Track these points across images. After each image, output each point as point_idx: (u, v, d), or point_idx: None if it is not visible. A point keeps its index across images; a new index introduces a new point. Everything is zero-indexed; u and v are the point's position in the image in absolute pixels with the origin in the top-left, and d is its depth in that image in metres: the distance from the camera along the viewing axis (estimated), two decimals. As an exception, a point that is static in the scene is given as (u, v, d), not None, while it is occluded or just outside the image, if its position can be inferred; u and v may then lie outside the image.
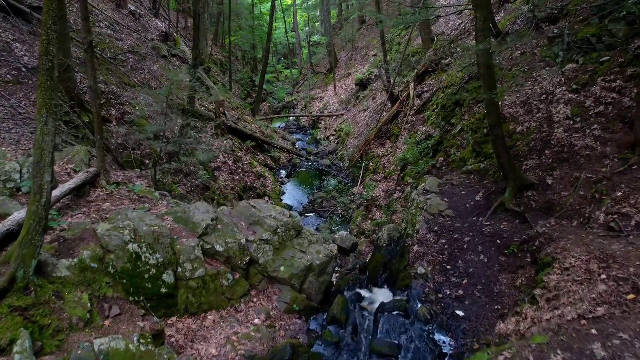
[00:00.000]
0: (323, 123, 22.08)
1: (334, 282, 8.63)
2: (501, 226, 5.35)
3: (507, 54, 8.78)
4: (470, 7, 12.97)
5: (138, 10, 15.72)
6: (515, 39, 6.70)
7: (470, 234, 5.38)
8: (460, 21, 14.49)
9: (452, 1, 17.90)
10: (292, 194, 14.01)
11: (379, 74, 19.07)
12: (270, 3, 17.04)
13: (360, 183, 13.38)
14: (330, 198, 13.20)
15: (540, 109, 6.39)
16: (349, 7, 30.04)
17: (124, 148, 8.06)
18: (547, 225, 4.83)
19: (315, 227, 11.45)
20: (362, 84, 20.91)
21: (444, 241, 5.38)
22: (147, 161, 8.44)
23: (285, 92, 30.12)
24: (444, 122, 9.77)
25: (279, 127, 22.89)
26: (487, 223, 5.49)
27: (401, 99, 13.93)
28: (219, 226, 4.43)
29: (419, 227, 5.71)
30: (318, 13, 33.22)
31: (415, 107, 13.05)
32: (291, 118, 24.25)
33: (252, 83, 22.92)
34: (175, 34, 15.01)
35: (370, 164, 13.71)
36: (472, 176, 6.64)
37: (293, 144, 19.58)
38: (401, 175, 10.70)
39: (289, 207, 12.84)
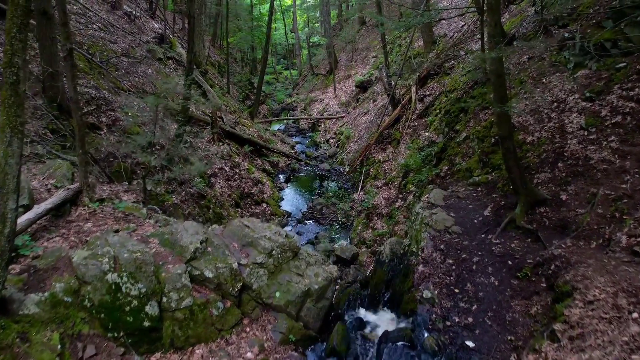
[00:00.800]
0: (323, 126, 21.76)
1: (334, 296, 8.29)
2: (512, 245, 5.00)
3: (514, 59, 8.43)
4: (473, 9, 12.66)
5: (134, 12, 15.38)
6: (523, 43, 6.35)
7: (479, 253, 5.04)
8: (463, 23, 14.17)
9: (455, 2, 17.56)
10: (291, 200, 13.68)
11: (379, 76, 18.75)
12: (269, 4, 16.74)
13: (361, 189, 13.05)
14: (330, 204, 12.87)
15: (552, 118, 6.04)
16: (349, 8, 29.71)
17: (114, 157, 7.72)
18: (563, 246, 4.48)
19: (314, 236, 11.12)
20: (363, 86, 20.58)
21: (451, 261, 5.03)
22: (139, 170, 8.10)
23: (285, 93, 29.79)
24: (447, 128, 9.43)
25: (278, 129, 22.55)
26: (497, 241, 5.14)
27: (403, 102, 13.60)
28: (209, 249, 4.09)
29: (424, 244, 5.36)
30: (318, 14, 32.90)
31: (417, 112, 12.71)
32: (291, 120, 23.90)
33: (251, 85, 22.58)
34: (171, 36, 14.67)
35: (371, 170, 13.37)
36: (479, 189, 6.29)
37: (292, 147, 19.24)
38: (403, 182, 10.36)
39: (288, 214, 12.52)
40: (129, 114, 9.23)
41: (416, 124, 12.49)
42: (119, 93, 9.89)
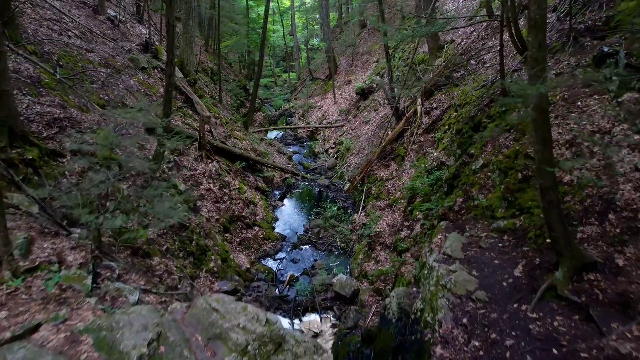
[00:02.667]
0: (322, 134, 20.75)
1: (331, 349, 7.23)
2: (555, 323, 3.95)
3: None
4: (482, 14, 11.61)
5: (119, 16, 14.34)
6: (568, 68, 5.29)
7: (513, 333, 3.98)
8: (472, 28, 13.10)
9: (461, 5, 16.48)
10: (287, 220, 12.66)
11: (381, 84, 17.69)
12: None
13: (362, 209, 12.02)
14: (328, 227, 11.84)
15: (595, 153, 4.98)
16: (350, 10, 28.69)
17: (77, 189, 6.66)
18: (628, 335, 3.43)
19: (311, 265, 10.12)
20: (363, 93, 19.57)
21: (477, 343, 3.98)
22: (107, 203, 7.04)
23: (283, 98, 28.75)
24: (459, 150, 8.37)
25: (275, 137, 21.56)
26: (535, 316, 4.09)
27: (407, 115, 12.56)
28: (162, 348, 3.06)
29: (441, 316, 4.31)
30: (317, 16, 31.85)
31: (423, 126, 11.67)
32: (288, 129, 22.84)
33: (246, 92, 21.54)
34: (157, 43, 13.62)
35: (373, 188, 12.33)
36: (505, 237, 5.23)
37: (289, 157, 18.23)
38: (409, 208, 9.32)
39: (282, 238, 11.50)
40: (101, 134, 8.16)
41: (422, 139, 11.45)
42: (92, 110, 8.83)
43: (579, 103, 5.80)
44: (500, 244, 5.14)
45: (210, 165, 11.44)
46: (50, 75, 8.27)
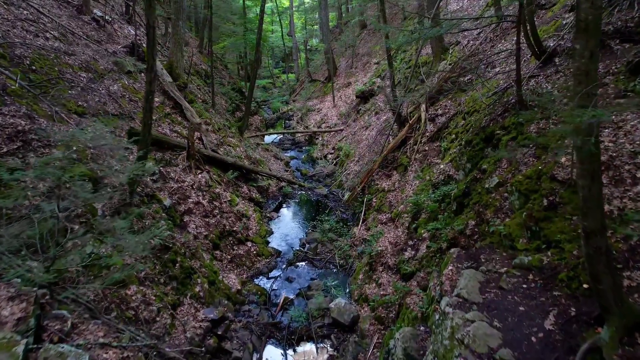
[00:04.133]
0: (321, 138, 20.01)
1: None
2: (602, 399, 3.17)
3: (556, 81, 6.63)
4: (490, 14, 10.84)
5: (105, 17, 13.56)
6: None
7: (550, 410, 3.20)
8: (479, 29, 12.31)
9: (465, 5, 15.69)
10: (282, 233, 11.89)
11: (382, 87, 16.91)
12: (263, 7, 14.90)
13: (363, 222, 11.25)
14: (326, 241, 11.09)
15: (638, 178, 4.21)
16: (349, 10, 27.91)
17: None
18: None
19: (307, 285, 9.36)
20: (364, 96, 18.82)
21: None
22: (76, 227, 6.27)
23: (281, 100, 27.97)
24: (469, 164, 7.60)
25: (272, 141, 20.81)
26: (575, 386, 3.31)
27: (410, 122, 11.78)
28: None
29: (459, 383, 3.53)
30: (317, 16, 31.06)
31: (427, 134, 10.89)
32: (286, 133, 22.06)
33: (242, 94, 20.76)
34: (145, 44, 12.84)
35: (374, 199, 11.56)
36: (530, 276, 4.46)
37: (287, 163, 17.47)
38: (413, 225, 8.55)
39: (277, 253, 10.74)
40: (75, 147, 7.39)
41: (426, 148, 10.67)
42: (70, 117, 8.06)
43: (613, 118, 5.02)
44: (524, 285, 4.36)
45: (199, 176, 10.67)
46: (15, 82, 7.50)
